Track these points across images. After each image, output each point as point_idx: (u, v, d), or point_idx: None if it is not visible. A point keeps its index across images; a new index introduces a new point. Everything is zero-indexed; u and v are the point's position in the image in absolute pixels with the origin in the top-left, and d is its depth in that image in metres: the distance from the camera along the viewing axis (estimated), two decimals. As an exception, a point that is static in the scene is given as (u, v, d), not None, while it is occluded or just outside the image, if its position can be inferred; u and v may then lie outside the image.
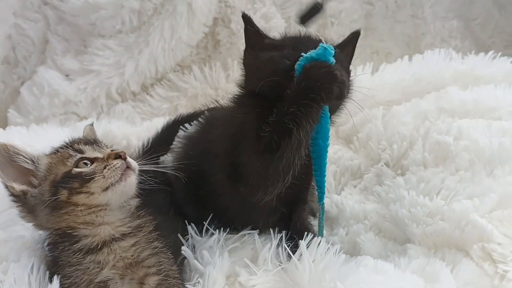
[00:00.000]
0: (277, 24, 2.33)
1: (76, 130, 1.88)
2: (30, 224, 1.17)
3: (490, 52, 1.85)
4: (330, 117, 1.11)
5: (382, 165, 1.53)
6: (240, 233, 1.31)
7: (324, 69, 1.01)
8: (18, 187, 1.10)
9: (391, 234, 1.30)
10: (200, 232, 1.32)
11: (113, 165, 1.08)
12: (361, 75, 1.91)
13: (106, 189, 1.07)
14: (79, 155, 1.12)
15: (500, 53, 1.84)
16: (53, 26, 2.29)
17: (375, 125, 1.65)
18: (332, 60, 1.04)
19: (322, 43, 1.07)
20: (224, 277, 1.15)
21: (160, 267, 1.10)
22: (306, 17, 1.42)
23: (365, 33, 2.52)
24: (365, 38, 2.52)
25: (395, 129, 1.58)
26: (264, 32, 1.26)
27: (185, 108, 2.19)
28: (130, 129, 1.90)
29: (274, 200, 1.18)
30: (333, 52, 1.04)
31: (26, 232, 1.28)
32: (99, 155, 1.13)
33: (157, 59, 2.21)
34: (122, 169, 1.09)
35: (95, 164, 1.10)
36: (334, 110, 1.22)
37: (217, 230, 1.29)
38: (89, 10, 2.16)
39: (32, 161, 1.12)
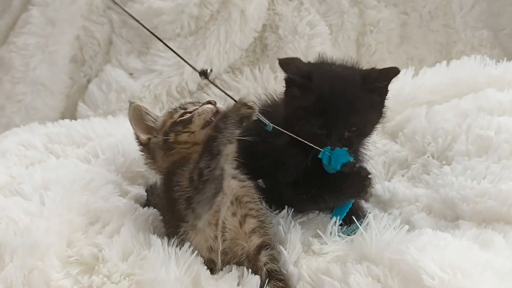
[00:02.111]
0: (321, 31, 2.53)
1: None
2: (152, 169, 1.46)
3: (522, 60, 2.04)
4: None
5: (428, 156, 1.71)
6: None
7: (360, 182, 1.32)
8: (145, 136, 1.40)
9: (441, 213, 1.48)
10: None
11: (205, 107, 1.33)
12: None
13: (203, 127, 1.30)
14: (182, 110, 1.40)
15: (527, 60, 2.03)
16: (117, 29, 2.52)
17: (419, 121, 1.84)
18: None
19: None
20: (300, 244, 1.35)
21: (258, 213, 1.31)
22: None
23: (401, 40, 2.73)
24: (401, 46, 2.73)
25: (438, 125, 1.76)
26: (300, 67, 1.44)
27: (238, 105, 2.39)
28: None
29: None
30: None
31: (121, 203, 1.51)
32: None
33: (213, 60, 2.42)
34: (213, 111, 1.31)
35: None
36: None
37: (286, 207, 1.49)
38: (152, 15, 2.39)
39: (155, 119, 1.43)
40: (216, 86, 1.36)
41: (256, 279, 1.22)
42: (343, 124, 1.34)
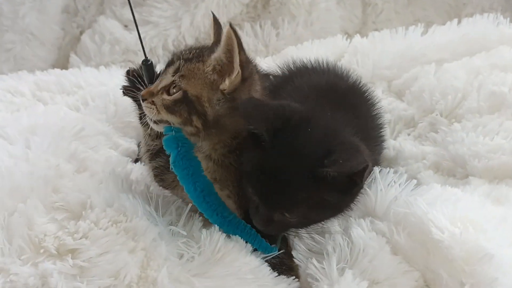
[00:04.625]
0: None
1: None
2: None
3: (536, 19, 1.95)
4: None
5: (436, 115, 1.62)
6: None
7: None
8: None
9: (450, 171, 1.41)
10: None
11: None
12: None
13: None
14: None
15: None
16: (112, -21, 2.38)
17: (428, 79, 1.73)
18: None
19: None
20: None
21: None
22: None
23: (409, 1, 2.60)
24: (408, 6, 2.59)
25: (448, 83, 1.66)
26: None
27: (238, 61, 2.29)
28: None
29: None
30: None
31: (111, 155, 1.48)
32: None
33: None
34: None
35: None
36: None
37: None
38: (150, -36, 2.26)
39: None
40: None
41: None
42: (272, 207, 1.03)
